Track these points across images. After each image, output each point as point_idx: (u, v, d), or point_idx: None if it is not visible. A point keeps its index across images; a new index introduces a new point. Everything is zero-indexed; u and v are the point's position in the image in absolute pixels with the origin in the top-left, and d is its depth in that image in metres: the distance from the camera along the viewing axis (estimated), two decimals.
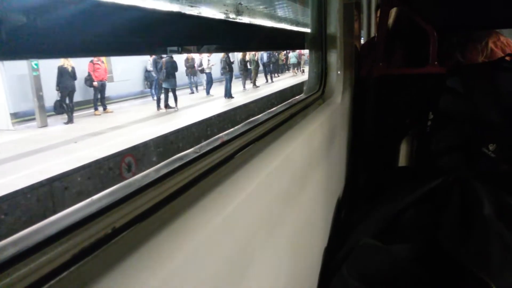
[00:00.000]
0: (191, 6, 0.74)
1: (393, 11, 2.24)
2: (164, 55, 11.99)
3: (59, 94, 10.46)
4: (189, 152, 0.71)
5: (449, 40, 2.11)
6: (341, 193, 1.88)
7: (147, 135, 8.22)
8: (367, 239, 1.45)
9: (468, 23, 2.15)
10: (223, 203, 0.63)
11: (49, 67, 10.28)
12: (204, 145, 0.76)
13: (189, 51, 0.88)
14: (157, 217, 0.53)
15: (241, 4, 1.01)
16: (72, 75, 10.72)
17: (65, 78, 10.52)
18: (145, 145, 7.87)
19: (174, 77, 12.29)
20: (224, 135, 0.85)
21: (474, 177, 1.53)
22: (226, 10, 0.92)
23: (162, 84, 12.27)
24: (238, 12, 1.00)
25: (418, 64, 2.11)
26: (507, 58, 1.91)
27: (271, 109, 1.21)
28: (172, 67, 12.32)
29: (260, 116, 1.08)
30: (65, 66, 10.51)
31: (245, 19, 1.10)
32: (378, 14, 2.27)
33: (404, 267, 1.34)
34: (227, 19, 0.93)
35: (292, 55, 24.49)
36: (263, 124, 1.03)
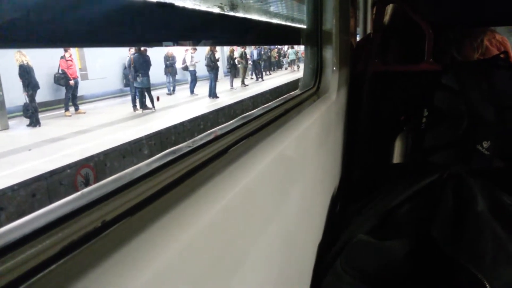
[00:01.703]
0: None
1: (389, 8, 2.24)
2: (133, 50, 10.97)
3: (28, 96, 9.44)
4: (182, 146, 0.71)
5: (445, 37, 2.11)
6: (335, 189, 1.89)
7: (113, 142, 7.52)
8: (361, 235, 1.45)
9: (464, 20, 2.16)
10: (216, 197, 0.63)
11: (7, 64, 9.17)
12: (197, 139, 0.75)
13: (182, 45, 0.88)
14: (149, 210, 0.53)
15: None
16: (34, 73, 9.66)
17: (30, 77, 9.49)
18: (104, 156, 7.08)
19: (147, 75, 11.16)
20: (217, 129, 0.85)
21: (468, 174, 1.54)
22: (221, 3, 0.91)
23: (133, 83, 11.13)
24: (233, 6, 0.99)
25: (414, 60, 2.11)
26: (502, 56, 1.92)
27: (265, 104, 1.20)
28: (144, 64, 11.10)
29: (255, 111, 1.07)
30: (27, 63, 9.42)
31: (240, 14, 1.09)
32: (374, 11, 2.27)
33: (398, 262, 1.34)
34: (221, 12, 0.92)
35: (291, 52, 24.50)
36: (258, 119, 1.02)
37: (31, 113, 9.61)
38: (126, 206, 0.51)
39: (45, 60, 10.91)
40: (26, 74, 9.49)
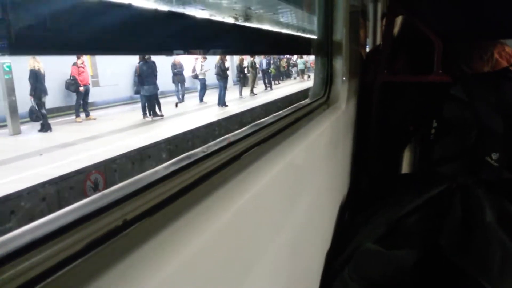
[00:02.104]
0: (202, 9, 0.76)
1: (399, 20, 2.26)
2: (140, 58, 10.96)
3: (35, 100, 9.45)
4: (197, 151, 0.73)
5: (454, 49, 2.12)
6: (344, 198, 1.89)
7: (122, 148, 7.52)
8: (369, 244, 1.46)
9: (474, 33, 2.17)
10: (229, 201, 0.65)
11: (21, 70, 9.26)
12: (212, 145, 0.78)
13: (193, 53, 0.90)
14: (166, 211, 0.55)
15: (250, 9, 1.03)
16: (44, 78, 9.67)
17: (39, 82, 9.47)
18: (113, 162, 7.11)
19: (153, 83, 11.14)
20: (231, 136, 0.87)
21: (477, 185, 1.54)
22: (235, 14, 0.94)
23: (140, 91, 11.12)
24: (247, 17, 1.02)
25: (423, 72, 2.12)
26: (511, 68, 1.92)
27: (277, 113, 1.22)
28: (149, 72, 11.03)
29: (266, 119, 1.10)
30: (38, 68, 9.42)
31: (251, 24, 1.12)
32: (384, 23, 2.29)
33: (405, 272, 1.35)
34: (232, 22, 0.95)
35: (300, 62, 24.69)
36: (269, 126, 1.04)
37: (36, 117, 9.62)
38: (145, 206, 0.53)
39: (60, 66, 11.02)
40: (35, 78, 9.53)
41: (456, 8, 2.07)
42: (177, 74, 14.24)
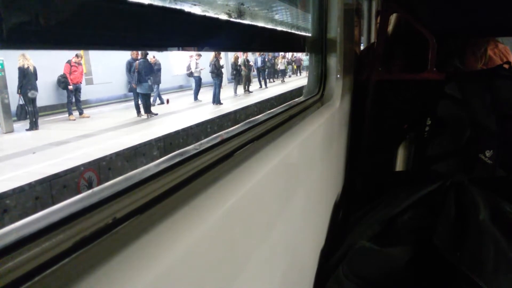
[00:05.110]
0: (194, 5, 0.75)
1: (393, 17, 2.26)
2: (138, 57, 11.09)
3: (22, 98, 9.44)
4: (189, 148, 0.72)
5: (448, 46, 2.12)
6: (338, 195, 1.89)
7: (116, 146, 7.58)
8: (363, 242, 1.46)
9: (467, 30, 2.18)
10: (221, 199, 0.64)
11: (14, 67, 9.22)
12: (204, 142, 0.77)
13: (187, 50, 0.89)
14: (157, 209, 0.54)
15: (243, 5, 1.02)
16: (35, 76, 9.69)
17: (28, 80, 9.46)
18: (107, 160, 7.14)
19: (147, 81, 11.27)
20: (224, 133, 0.86)
21: (471, 182, 1.55)
22: (228, 11, 0.93)
23: (136, 89, 11.23)
24: (240, 13, 1.01)
25: (417, 69, 2.13)
26: (505, 66, 1.93)
27: (270, 110, 1.22)
28: (146, 70, 11.17)
29: (260, 116, 1.09)
30: (27, 66, 9.40)
31: (245, 21, 1.11)
32: (378, 20, 2.29)
33: (400, 269, 1.35)
34: (227, 19, 0.94)
35: (305, 59, 25.04)
36: (262, 124, 1.04)
37: (25, 115, 9.60)
38: (136, 204, 0.52)
39: (57, 63, 11.00)
40: (23, 76, 9.47)
41: (449, 5, 2.08)
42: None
